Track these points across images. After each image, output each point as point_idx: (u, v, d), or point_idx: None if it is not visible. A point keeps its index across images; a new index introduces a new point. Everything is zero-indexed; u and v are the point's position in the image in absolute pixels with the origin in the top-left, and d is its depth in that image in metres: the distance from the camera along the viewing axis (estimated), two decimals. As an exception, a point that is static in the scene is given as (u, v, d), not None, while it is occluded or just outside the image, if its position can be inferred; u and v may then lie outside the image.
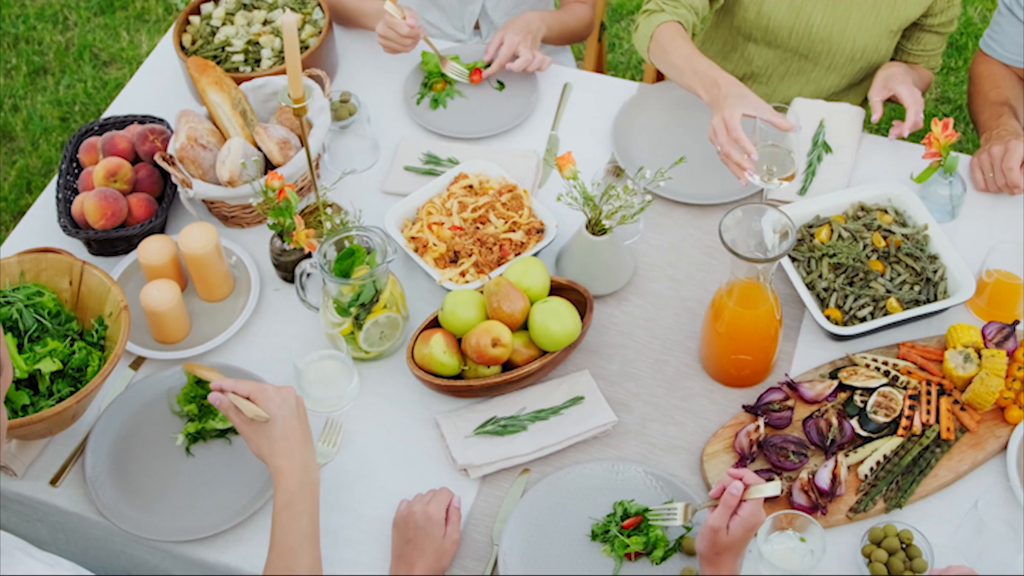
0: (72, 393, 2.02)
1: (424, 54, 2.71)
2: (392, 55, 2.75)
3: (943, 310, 2.22)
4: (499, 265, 2.29)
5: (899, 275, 2.25)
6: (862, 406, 2.10)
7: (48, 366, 2.03)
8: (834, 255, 2.25)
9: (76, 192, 2.46)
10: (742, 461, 2.05)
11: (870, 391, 2.12)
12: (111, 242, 2.39)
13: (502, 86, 2.71)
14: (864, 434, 2.07)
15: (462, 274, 2.28)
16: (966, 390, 2.10)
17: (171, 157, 2.36)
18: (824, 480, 1.98)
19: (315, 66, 2.58)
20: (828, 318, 2.20)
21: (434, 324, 2.19)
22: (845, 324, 2.20)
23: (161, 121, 2.55)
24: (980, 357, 2.10)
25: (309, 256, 2.30)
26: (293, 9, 2.72)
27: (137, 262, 2.37)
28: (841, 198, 2.37)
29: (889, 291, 2.22)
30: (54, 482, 2.10)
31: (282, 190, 2.18)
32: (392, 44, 2.64)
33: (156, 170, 2.46)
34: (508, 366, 2.15)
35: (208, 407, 2.11)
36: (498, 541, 1.99)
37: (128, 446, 2.12)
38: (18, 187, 3.95)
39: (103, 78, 4.29)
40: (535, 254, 2.31)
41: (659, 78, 3.01)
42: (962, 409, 2.10)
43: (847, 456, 2.05)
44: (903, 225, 2.33)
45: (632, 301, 2.32)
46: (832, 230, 2.30)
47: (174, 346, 2.26)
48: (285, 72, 2.40)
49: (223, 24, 2.70)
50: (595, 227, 2.22)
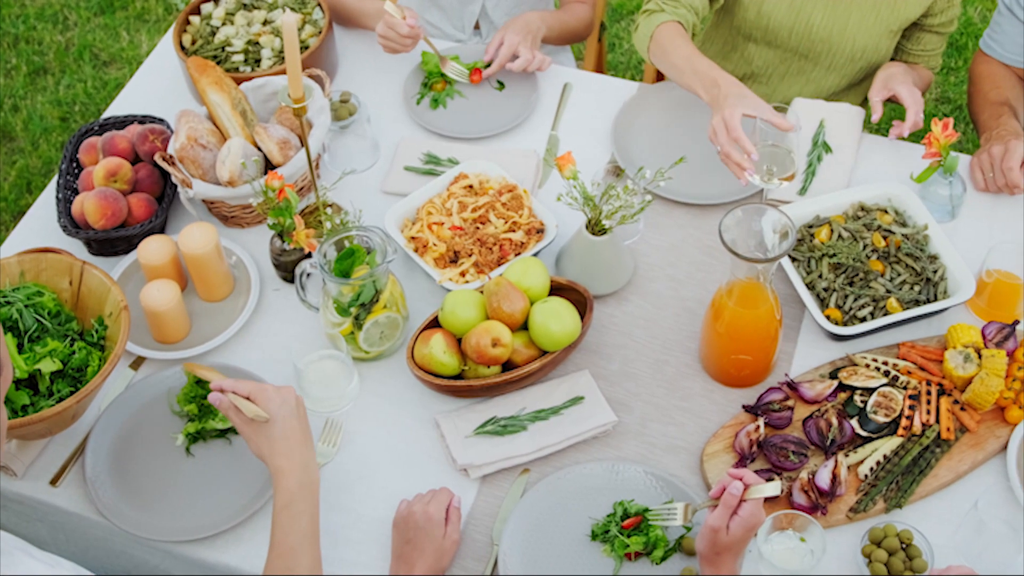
0: (72, 393, 2.02)
1: (424, 54, 2.71)
2: (392, 55, 2.75)
3: (943, 310, 2.22)
4: (499, 265, 2.29)
5: (899, 275, 2.25)
6: (862, 406, 2.10)
7: (48, 366, 2.03)
8: (834, 255, 2.25)
9: (76, 192, 2.46)
10: (742, 461, 2.05)
11: (870, 391, 2.12)
12: (111, 242, 2.39)
13: (502, 86, 2.71)
14: (864, 434, 2.07)
15: (462, 274, 2.28)
16: (966, 390, 2.10)
17: (171, 157, 2.36)
18: (824, 480, 1.98)
19: (315, 66, 2.58)
20: (828, 318, 2.20)
21: (434, 324, 2.19)
22: (845, 324, 2.20)
23: (161, 121, 2.55)
24: (980, 357, 2.10)
25: (309, 256, 2.30)
26: (293, 9, 2.72)
27: (137, 262, 2.37)
28: (841, 198, 2.37)
29: (889, 291, 2.22)
30: (54, 482, 2.10)
31: (282, 190, 2.18)
32: (392, 44, 2.64)
33: (156, 170, 2.46)
34: (508, 366, 2.15)
35: (208, 407, 2.11)
36: (498, 541, 1.99)
37: (128, 446, 2.12)
38: (18, 187, 3.95)
39: (103, 78, 4.29)
40: (535, 254, 2.31)
41: (659, 78, 3.01)
42: (962, 409, 2.09)
43: (847, 456, 2.05)
44: (903, 225, 2.33)
45: (632, 301, 2.32)
46: (832, 230, 2.30)
47: (174, 346, 2.26)
48: (285, 72, 2.40)
49: (223, 24, 2.70)
50: (595, 227, 2.22)
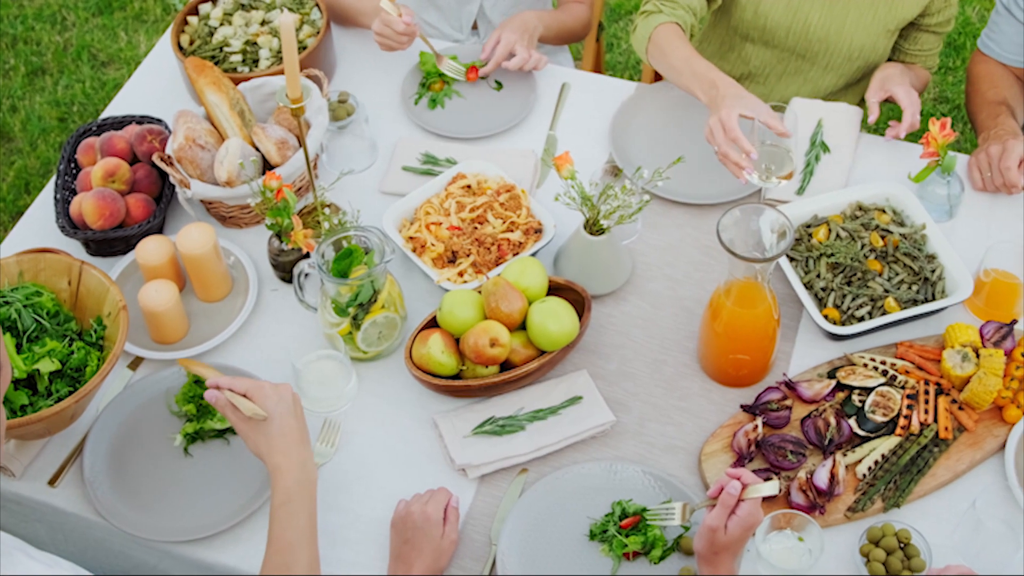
0: (71, 393, 2.02)
1: (422, 54, 2.71)
2: (390, 55, 2.75)
3: (941, 309, 2.22)
4: (497, 265, 2.29)
5: (897, 275, 2.25)
6: (860, 405, 2.10)
7: (47, 366, 2.03)
8: (832, 255, 2.25)
9: (74, 192, 2.46)
10: (740, 461, 2.05)
11: (868, 390, 2.12)
12: (109, 242, 2.39)
13: (500, 86, 2.71)
14: (862, 433, 2.07)
15: (460, 274, 2.28)
16: (964, 389, 2.10)
17: (169, 157, 2.36)
18: (822, 479, 1.98)
19: (313, 66, 2.58)
20: (826, 318, 2.20)
21: (432, 324, 2.19)
22: (843, 324, 2.20)
23: (159, 121, 2.55)
24: (978, 356, 2.10)
25: (307, 256, 2.30)
26: (291, 9, 2.71)
27: (135, 262, 2.37)
28: (839, 198, 2.37)
29: (887, 290, 2.22)
30: (52, 482, 2.10)
31: (280, 190, 2.19)
32: (388, 42, 2.64)
33: (154, 170, 2.46)
34: (506, 366, 2.15)
35: (206, 407, 2.11)
36: (496, 541, 1.99)
37: (126, 446, 2.12)
38: (16, 188, 3.95)
39: (101, 78, 4.29)
40: (533, 254, 2.31)
41: (657, 78, 3.00)
42: (960, 408, 2.10)
43: (845, 455, 2.05)
44: (901, 225, 2.33)
45: (630, 301, 2.32)
46: (830, 230, 2.30)
47: (172, 346, 2.26)
48: (283, 72, 2.40)
49: (221, 24, 2.70)
50: (593, 227, 2.22)
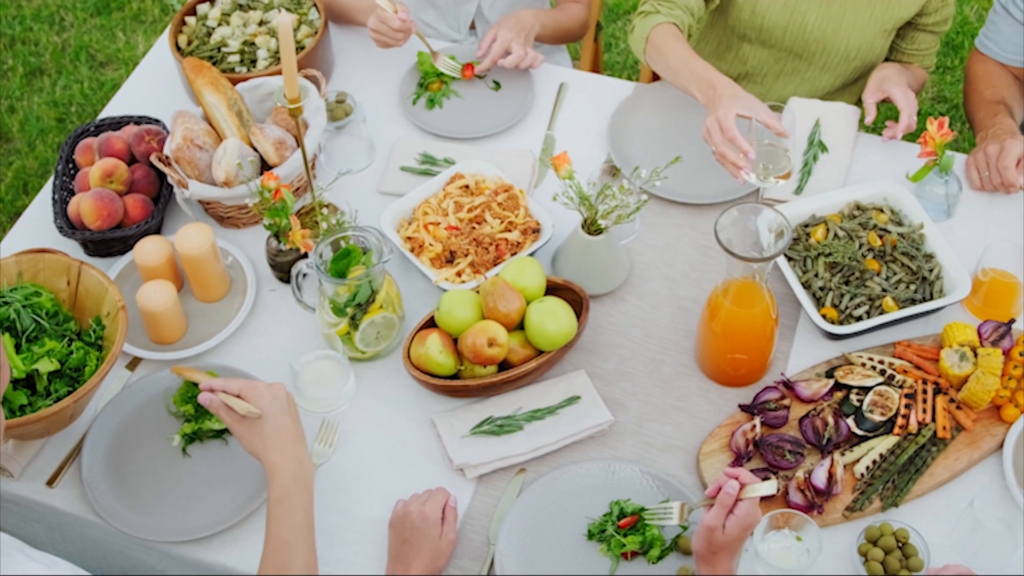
0: (70, 393, 2.02)
1: (420, 54, 2.71)
2: (388, 55, 2.75)
3: (939, 309, 2.22)
4: (495, 265, 2.29)
5: (895, 274, 2.25)
6: (858, 405, 2.10)
7: (46, 366, 2.03)
8: (830, 254, 2.25)
9: (72, 193, 2.46)
10: (738, 460, 2.05)
11: (866, 390, 2.12)
12: (107, 243, 2.39)
13: (498, 86, 2.71)
14: (860, 433, 2.07)
15: (458, 274, 2.28)
16: (962, 389, 2.10)
17: (167, 158, 2.36)
18: (820, 479, 1.98)
19: (311, 66, 2.58)
20: (824, 317, 2.20)
21: (430, 324, 2.19)
22: (841, 323, 2.20)
23: (157, 122, 2.55)
24: (976, 356, 2.10)
25: (305, 256, 2.29)
26: (289, 9, 2.71)
27: (133, 263, 2.37)
28: (837, 197, 2.37)
29: (885, 290, 2.22)
30: (51, 483, 2.10)
31: (278, 190, 2.19)
32: (384, 38, 2.64)
33: (152, 171, 2.46)
34: (504, 366, 2.15)
35: (203, 407, 2.12)
36: (494, 541, 1.99)
37: (124, 447, 2.12)
38: (15, 188, 3.95)
39: (99, 79, 4.29)
40: (531, 254, 2.31)
41: (655, 78, 3.00)
42: (958, 408, 2.10)
43: (843, 455, 2.05)
44: (899, 224, 2.33)
45: (628, 301, 2.32)
46: (828, 229, 2.30)
47: (170, 347, 2.26)
48: (281, 73, 2.40)
49: (219, 25, 2.69)
50: (591, 227, 2.22)
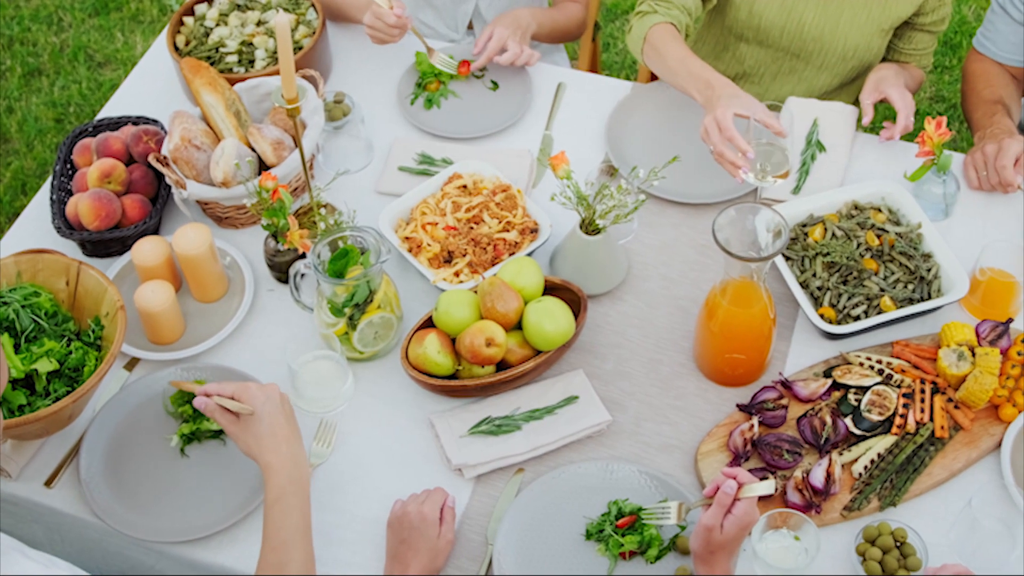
0: (69, 393, 2.02)
1: (418, 54, 2.71)
2: (386, 55, 2.75)
3: (937, 308, 2.22)
4: (493, 265, 2.29)
5: (893, 273, 2.25)
6: (856, 404, 2.10)
7: (45, 366, 2.03)
8: (828, 254, 2.25)
9: (70, 193, 2.46)
10: (736, 460, 2.05)
11: (864, 389, 2.12)
12: (105, 243, 2.39)
13: (496, 86, 2.71)
14: (858, 432, 2.07)
15: (456, 274, 2.28)
16: (960, 388, 2.10)
17: (165, 158, 2.36)
18: (818, 479, 1.98)
19: (309, 67, 2.58)
20: (822, 317, 2.20)
21: (428, 324, 2.19)
22: (839, 323, 2.20)
23: (155, 122, 2.55)
24: (974, 355, 2.10)
25: (303, 257, 2.29)
26: (287, 10, 2.71)
27: (131, 263, 2.37)
28: (835, 197, 2.37)
29: (883, 289, 2.22)
30: (49, 483, 2.10)
31: (276, 191, 2.19)
32: (379, 34, 2.63)
33: (150, 171, 2.46)
34: (502, 366, 2.15)
35: (202, 409, 2.12)
36: (493, 541, 1.99)
37: (122, 447, 2.12)
38: (13, 189, 3.95)
39: (98, 79, 4.29)
40: (529, 254, 2.31)
41: (653, 78, 3.01)
42: (956, 407, 2.10)
43: (841, 455, 2.05)
44: (897, 224, 2.33)
45: (626, 300, 2.32)
46: (826, 229, 2.30)
47: (168, 347, 2.26)
48: (279, 73, 2.40)
49: (217, 25, 2.69)
50: (589, 227, 2.22)
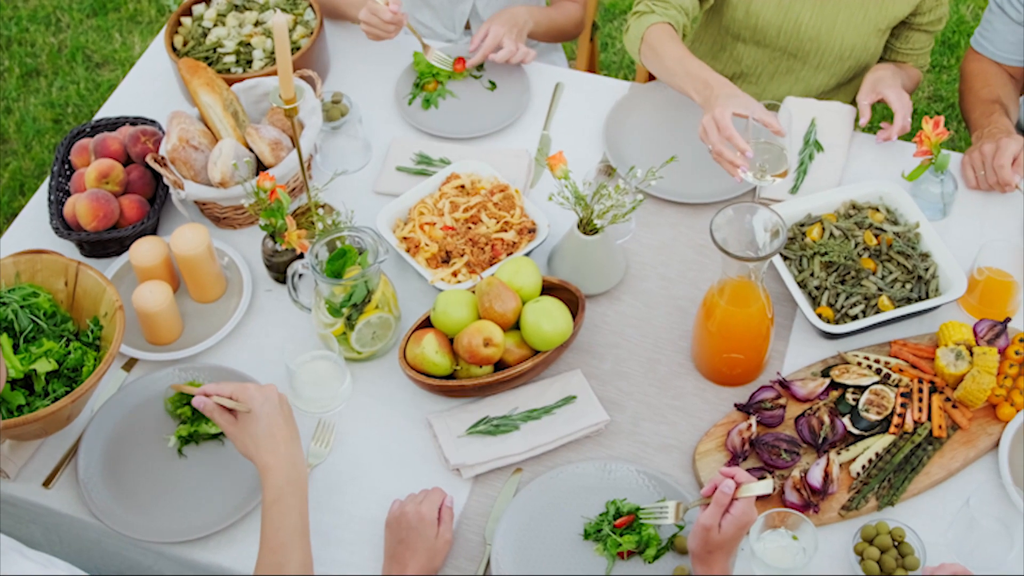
0: (67, 393, 2.02)
1: (416, 54, 2.71)
2: (383, 55, 2.75)
3: (935, 308, 2.22)
4: (491, 265, 2.29)
5: (891, 273, 2.25)
6: (854, 404, 2.10)
7: (43, 366, 2.03)
8: (826, 253, 2.25)
9: (68, 194, 2.46)
10: (734, 459, 2.05)
11: (862, 389, 2.12)
12: (103, 244, 2.39)
13: (494, 86, 2.71)
14: (856, 432, 2.07)
15: (454, 274, 2.28)
16: (958, 388, 2.10)
17: (163, 158, 2.36)
18: (816, 478, 1.98)
19: (307, 67, 2.58)
20: (820, 316, 2.20)
21: (426, 324, 2.19)
22: (837, 322, 2.20)
23: (153, 122, 2.55)
24: (972, 355, 2.10)
25: (301, 257, 2.29)
26: (284, 10, 2.71)
27: (129, 264, 2.37)
28: (833, 196, 2.37)
29: (881, 289, 2.22)
30: (47, 484, 2.10)
31: (274, 191, 2.19)
32: (375, 30, 2.63)
33: (148, 171, 2.46)
34: (500, 366, 2.15)
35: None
36: (491, 541, 1.99)
37: (121, 448, 2.12)
38: (11, 189, 3.95)
39: (96, 80, 4.29)
40: (527, 254, 2.31)
41: (651, 78, 3.01)
42: (954, 407, 2.10)
43: (839, 454, 2.05)
44: (895, 223, 2.34)
45: (624, 300, 2.32)
46: (824, 228, 2.30)
47: (166, 347, 2.26)
48: (277, 73, 2.40)
49: (214, 25, 2.69)
50: (587, 226, 2.22)
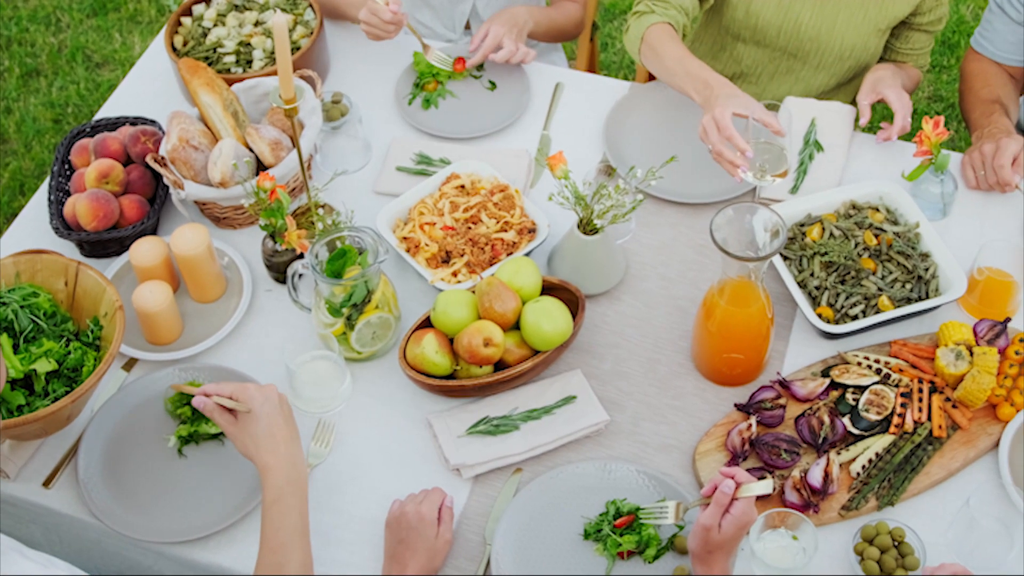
0: (67, 393, 2.02)
1: (416, 54, 2.71)
2: (384, 55, 2.75)
3: (935, 308, 2.22)
4: (491, 265, 2.29)
5: (891, 273, 2.25)
6: (854, 404, 2.10)
7: (43, 366, 2.03)
8: (826, 253, 2.25)
9: (68, 194, 2.46)
10: (734, 459, 2.05)
11: (862, 389, 2.12)
12: (103, 244, 2.39)
13: (494, 86, 2.71)
14: (856, 432, 2.07)
15: (454, 274, 2.28)
16: (958, 388, 2.10)
17: (163, 158, 2.36)
18: (816, 478, 1.98)
19: (307, 67, 2.58)
20: (820, 316, 2.20)
21: (426, 324, 2.19)
22: (837, 322, 2.20)
23: (153, 122, 2.55)
24: (972, 355, 2.10)
25: (301, 257, 2.29)
26: (284, 10, 2.71)
27: (129, 264, 2.37)
28: (833, 196, 2.37)
29: (881, 289, 2.22)
30: (47, 484, 2.10)
31: (274, 191, 2.19)
32: (375, 30, 2.63)
33: (148, 171, 2.46)
34: (500, 366, 2.15)
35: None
36: (491, 541, 1.99)
37: (120, 448, 2.12)
38: (11, 189, 3.95)
39: (96, 80, 4.29)
40: (527, 254, 2.31)
41: (651, 78, 3.01)
42: (954, 407, 2.10)
43: (839, 454, 2.05)
44: (895, 223, 2.34)
45: (624, 300, 2.32)
46: (824, 228, 2.30)
47: (166, 348, 2.26)
48: (277, 73, 2.40)
49: (215, 25, 2.69)
50: (587, 226, 2.22)
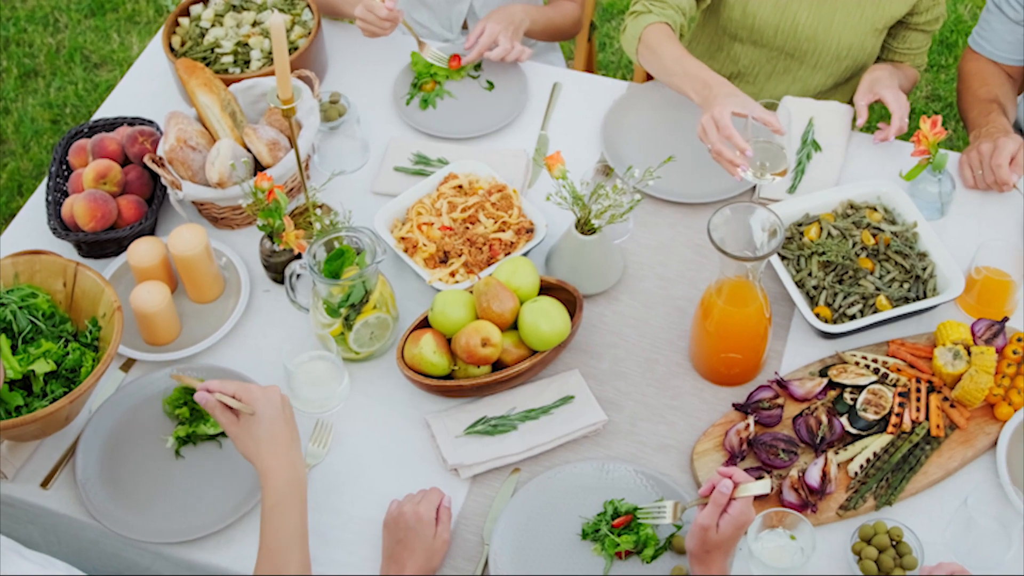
0: (66, 394, 2.02)
1: (413, 54, 2.71)
2: (381, 55, 2.75)
3: (932, 307, 2.22)
4: (489, 265, 2.29)
5: (888, 273, 2.25)
6: (852, 404, 2.10)
7: (42, 367, 2.03)
8: (823, 253, 2.25)
9: (66, 194, 2.45)
10: (732, 459, 2.05)
11: (860, 388, 2.12)
12: (101, 244, 2.39)
13: (491, 86, 2.71)
14: (854, 432, 2.07)
15: (452, 274, 2.28)
16: (956, 387, 2.10)
17: (160, 159, 2.36)
18: (814, 478, 1.98)
19: (304, 67, 2.58)
20: (818, 316, 2.20)
21: (424, 324, 2.19)
22: (835, 322, 2.20)
23: (151, 123, 2.55)
24: (970, 354, 2.10)
25: (299, 257, 2.29)
26: (282, 10, 2.71)
27: (127, 264, 2.37)
28: (830, 196, 2.37)
29: (879, 289, 2.23)
30: (45, 484, 2.10)
31: (271, 191, 2.19)
32: (371, 27, 2.63)
33: (146, 172, 2.46)
34: (498, 366, 2.15)
35: (199, 411, 2.12)
36: (489, 541, 1.99)
37: (119, 448, 2.12)
38: (9, 190, 3.94)
39: (94, 80, 4.29)
40: (525, 254, 2.31)
41: (649, 78, 3.00)
42: (952, 406, 2.10)
43: (837, 454, 2.05)
44: (892, 223, 2.34)
45: (622, 300, 2.32)
46: (821, 228, 2.30)
47: (164, 348, 2.26)
48: (274, 73, 2.40)
49: (212, 26, 2.69)
50: (584, 226, 2.22)
